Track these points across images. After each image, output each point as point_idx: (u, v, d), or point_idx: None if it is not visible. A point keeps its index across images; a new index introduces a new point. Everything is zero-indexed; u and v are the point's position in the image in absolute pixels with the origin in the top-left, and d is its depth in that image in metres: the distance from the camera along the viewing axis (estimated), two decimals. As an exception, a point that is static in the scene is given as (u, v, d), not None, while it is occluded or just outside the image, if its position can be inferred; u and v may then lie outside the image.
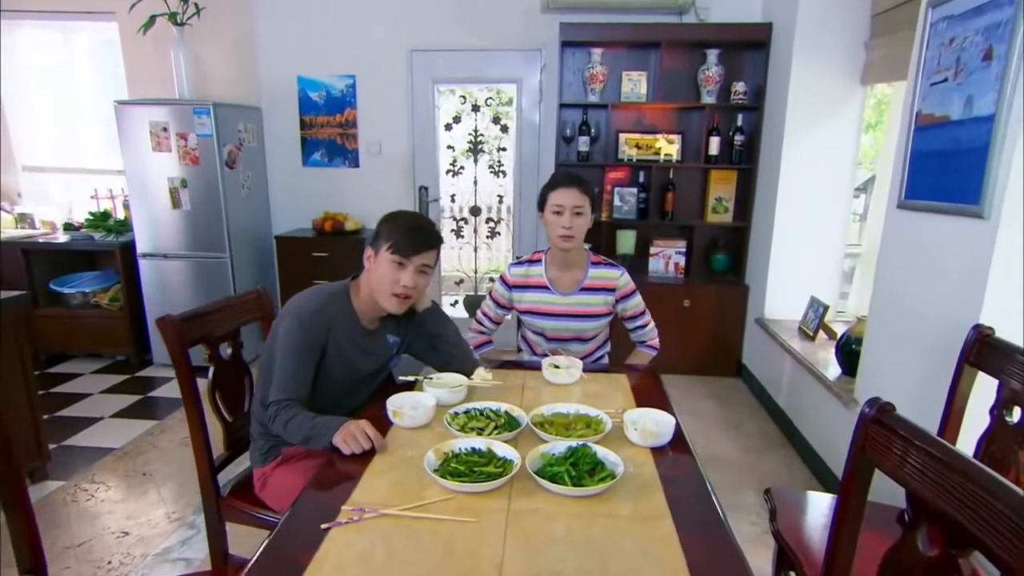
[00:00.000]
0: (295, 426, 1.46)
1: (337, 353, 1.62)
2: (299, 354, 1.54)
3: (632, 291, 2.14)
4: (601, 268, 2.12)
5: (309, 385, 1.58)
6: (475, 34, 4.00)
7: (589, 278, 2.11)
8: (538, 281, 2.13)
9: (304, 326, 1.55)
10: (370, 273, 1.63)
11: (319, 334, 1.57)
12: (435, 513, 1.13)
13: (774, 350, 3.33)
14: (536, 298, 2.13)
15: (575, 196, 1.98)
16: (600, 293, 2.11)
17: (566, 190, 1.99)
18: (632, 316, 2.17)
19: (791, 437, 3.09)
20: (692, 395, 3.67)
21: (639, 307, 2.17)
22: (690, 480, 1.30)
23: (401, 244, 1.57)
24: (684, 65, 3.85)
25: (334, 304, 1.62)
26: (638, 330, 2.20)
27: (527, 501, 1.18)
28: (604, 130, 4.00)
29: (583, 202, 1.99)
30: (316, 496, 1.21)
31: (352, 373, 1.68)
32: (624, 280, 2.12)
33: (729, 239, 4.03)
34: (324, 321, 1.58)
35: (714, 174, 3.94)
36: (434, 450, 1.30)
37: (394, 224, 1.61)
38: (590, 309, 2.11)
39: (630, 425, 1.41)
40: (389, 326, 1.77)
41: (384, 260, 1.58)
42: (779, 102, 3.45)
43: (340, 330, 1.62)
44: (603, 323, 2.16)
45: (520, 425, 1.45)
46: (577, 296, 2.10)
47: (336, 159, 4.31)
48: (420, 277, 1.62)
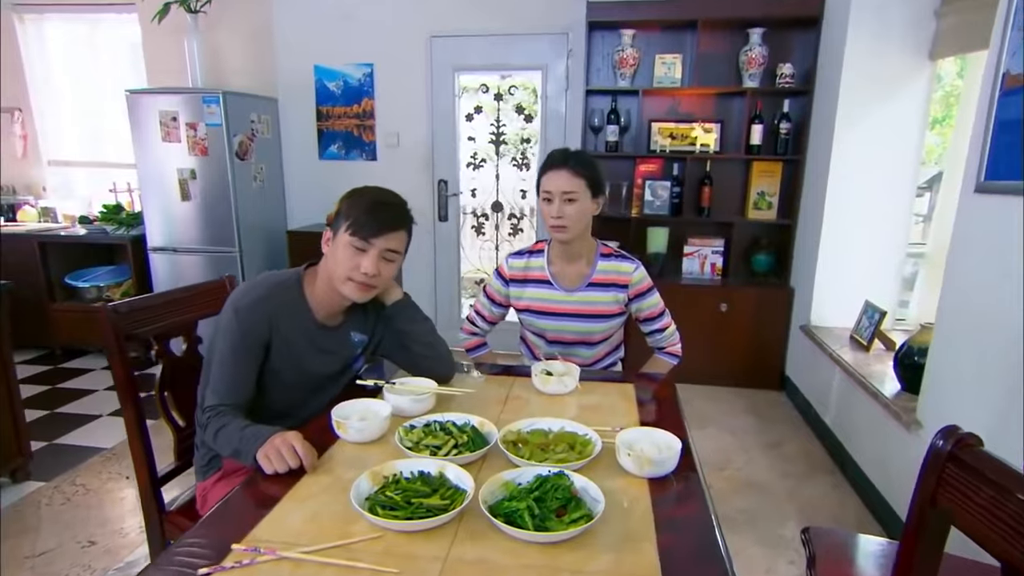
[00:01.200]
0: (225, 437, 1.23)
1: (285, 352, 1.39)
2: (235, 353, 1.32)
3: (648, 288, 1.84)
4: (612, 261, 1.83)
5: (249, 389, 1.35)
6: (497, 17, 3.75)
7: (598, 272, 1.82)
8: (539, 275, 1.86)
9: (241, 320, 1.32)
10: (327, 259, 1.40)
11: (259, 329, 1.34)
12: (350, 558, 0.87)
13: (821, 361, 2.95)
14: (536, 294, 1.85)
15: (565, 179, 1.68)
16: (610, 289, 1.81)
17: (555, 172, 1.70)
18: (648, 318, 1.87)
19: (840, 461, 2.71)
20: (728, 409, 3.31)
21: (656, 307, 1.86)
22: (695, 525, 1.00)
23: (362, 224, 1.33)
24: (724, 46, 3.51)
25: (280, 294, 1.39)
26: (655, 334, 1.89)
27: (473, 547, 0.91)
28: (635, 119, 3.69)
29: (575, 186, 1.68)
30: (209, 528, 0.96)
31: (305, 376, 1.44)
32: (639, 275, 1.82)
33: (772, 238, 3.65)
34: (266, 314, 1.35)
35: (756, 166, 3.58)
36: (371, 473, 1.04)
37: (355, 201, 1.37)
38: (597, 308, 1.82)
39: (623, 449, 1.11)
40: (355, 322, 1.53)
41: (342, 243, 1.34)
42: (831, 84, 3.07)
43: (287, 325, 1.39)
44: (612, 325, 1.86)
45: (487, 444, 1.17)
46: (583, 293, 1.82)
47: (353, 152, 4.13)
48: (385, 264, 1.38)
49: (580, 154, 1.74)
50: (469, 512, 0.98)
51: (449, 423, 1.24)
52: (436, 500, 0.97)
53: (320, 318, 1.44)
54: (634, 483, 1.10)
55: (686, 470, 1.15)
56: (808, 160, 3.39)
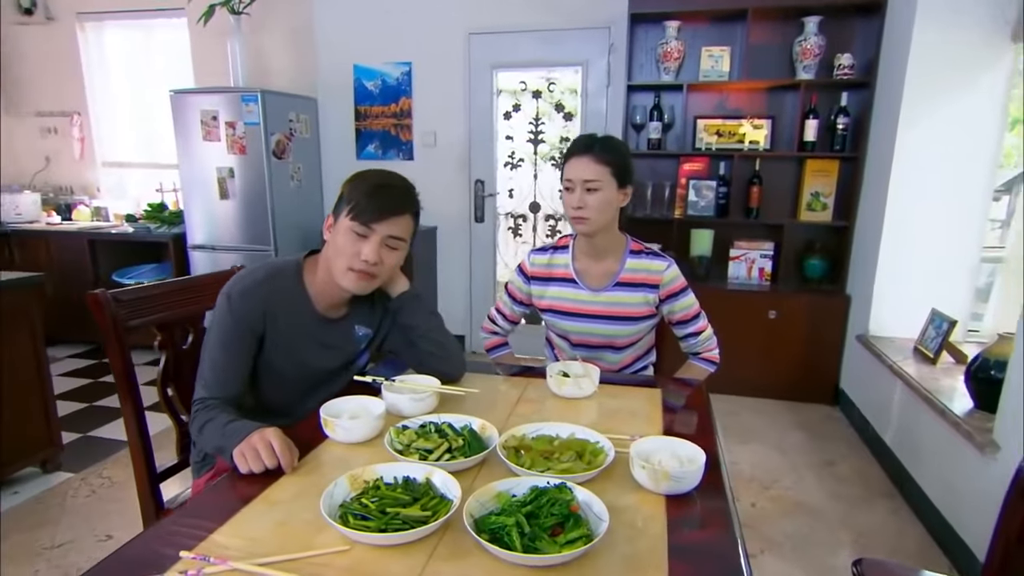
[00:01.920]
0: (209, 432, 1.15)
1: (281, 344, 1.31)
2: (225, 343, 1.24)
3: (681, 288, 1.67)
4: (643, 258, 1.67)
5: (240, 381, 1.27)
6: (537, 12, 3.65)
7: (626, 270, 1.67)
8: (563, 272, 1.72)
9: (232, 308, 1.24)
10: (328, 246, 1.31)
11: (252, 318, 1.26)
12: (311, 573, 0.76)
13: (881, 374, 2.70)
14: (559, 293, 1.72)
15: (586, 166, 1.54)
16: (639, 290, 1.66)
17: (578, 159, 1.56)
18: (682, 320, 1.70)
19: (901, 484, 2.46)
20: (776, 423, 3.08)
21: (690, 309, 1.70)
22: (717, 554, 0.85)
23: (363, 208, 1.23)
24: (776, 37, 3.30)
25: (276, 282, 1.31)
26: (690, 339, 1.73)
27: (451, 567, 0.79)
28: (679, 115, 3.51)
29: (598, 174, 1.54)
30: (163, 532, 0.87)
31: (304, 371, 1.36)
32: (671, 274, 1.66)
33: (827, 241, 3.40)
34: (259, 304, 1.27)
35: (810, 164, 3.35)
36: (349, 477, 0.94)
37: (356, 184, 1.28)
38: (625, 310, 1.66)
39: (637, 460, 0.97)
40: (359, 315, 1.43)
41: (343, 229, 1.25)
42: (895, 74, 2.83)
43: (284, 315, 1.30)
44: (641, 328, 1.70)
45: (485, 449, 1.05)
46: (610, 293, 1.67)
47: (390, 151, 4.09)
48: (388, 252, 1.29)
49: (607, 140, 1.60)
50: (453, 526, 0.86)
51: (445, 424, 1.12)
52: (415, 511, 0.86)
53: (321, 309, 1.36)
54: (649, 500, 0.95)
55: (712, 488, 0.99)
56: (868, 158, 3.14)
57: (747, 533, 2.16)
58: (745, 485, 2.47)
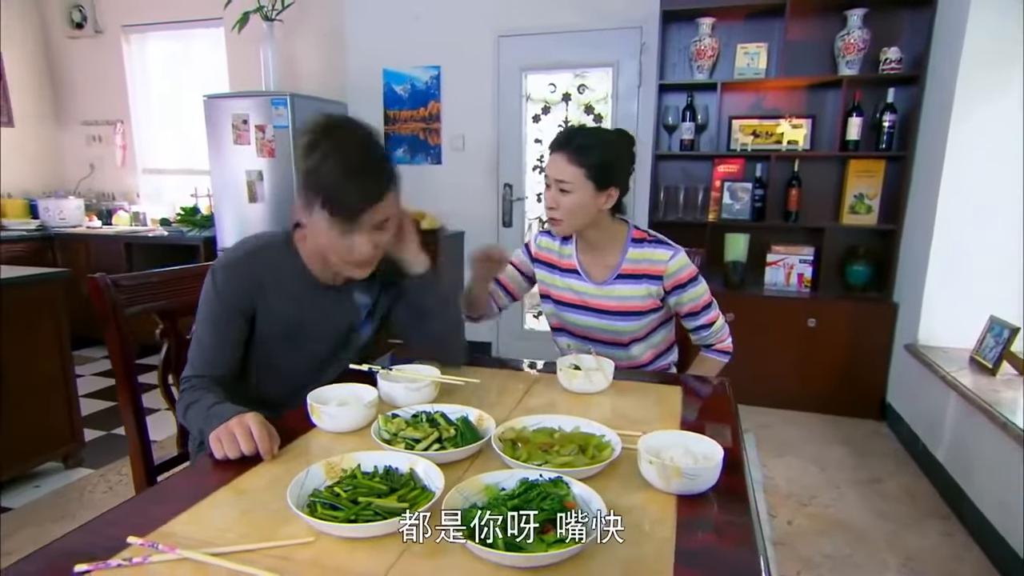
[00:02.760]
0: (193, 414, 1.10)
1: (277, 316, 1.22)
2: (211, 320, 1.19)
3: (689, 279, 1.52)
4: (645, 247, 1.54)
5: (228, 360, 1.21)
6: (567, 13, 3.59)
7: (627, 261, 1.54)
8: (568, 263, 1.61)
9: (217, 285, 1.18)
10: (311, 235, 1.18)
11: (239, 295, 1.19)
12: (267, 565, 0.68)
13: (933, 385, 2.50)
14: (566, 284, 1.61)
15: (559, 166, 1.42)
16: (641, 282, 1.53)
17: (553, 156, 1.45)
18: (691, 312, 1.56)
19: (955, 504, 2.25)
20: (815, 438, 2.89)
21: (700, 299, 1.55)
22: (731, 562, 0.74)
23: (338, 202, 1.05)
24: (816, 32, 3.15)
25: (264, 254, 1.22)
26: (701, 331, 1.59)
27: (424, 565, 0.70)
28: (713, 116, 3.37)
29: (570, 175, 1.40)
30: (118, 517, 0.81)
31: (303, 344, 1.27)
32: (676, 263, 1.51)
33: (872, 246, 3.21)
34: (246, 277, 1.19)
35: (854, 165, 3.17)
36: (326, 464, 0.86)
37: (322, 166, 1.04)
38: (627, 304, 1.54)
39: (645, 456, 0.86)
40: (360, 283, 1.31)
41: (322, 225, 1.08)
42: (948, 68, 2.65)
43: (276, 286, 1.21)
44: (645, 323, 1.57)
45: (478, 440, 0.96)
46: (611, 286, 1.55)
47: (418, 156, 4.07)
48: (380, 234, 1.14)
49: (588, 135, 1.46)
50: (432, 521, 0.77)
51: (438, 414, 1.03)
52: (391, 501, 0.77)
53: (319, 275, 1.26)
54: (657, 500, 0.84)
55: (731, 491, 0.88)
56: (917, 157, 2.96)
57: (782, 552, 2.00)
58: (781, 501, 2.30)
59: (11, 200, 4.45)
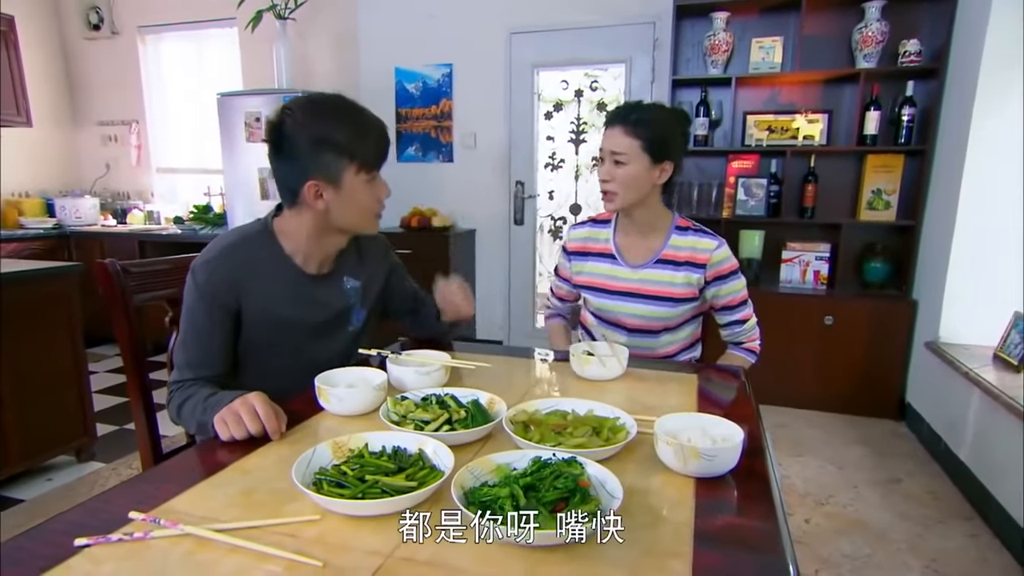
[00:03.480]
0: (189, 410, 1.08)
1: (264, 313, 1.19)
2: (194, 321, 1.16)
3: (732, 271, 1.52)
4: (690, 235, 1.53)
5: (216, 361, 1.17)
6: (580, 9, 3.57)
7: (670, 247, 1.52)
8: (603, 247, 1.60)
9: (197, 284, 1.15)
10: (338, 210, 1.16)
11: (220, 293, 1.15)
12: (271, 542, 0.66)
13: (955, 384, 2.44)
14: (596, 268, 1.59)
15: (616, 138, 1.43)
16: (682, 268, 1.51)
17: (609, 130, 1.45)
18: (728, 306, 1.55)
19: (980, 505, 2.19)
20: (833, 438, 2.83)
21: (739, 294, 1.54)
22: (755, 544, 0.70)
23: (371, 158, 1.16)
24: (833, 25, 3.11)
25: (243, 250, 1.18)
26: (734, 327, 1.57)
27: (431, 543, 0.67)
28: (728, 111, 3.34)
29: (626, 146, 1.41)
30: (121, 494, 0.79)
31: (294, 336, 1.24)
32: (721, 253, 1.50)
33: (890, 242, 3.15)
34: (226, 275, 1.15)
35: (871, 160, 3.12)
36: (333, 444, 0.84)
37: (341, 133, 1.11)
38: (664, 289, 1.52)
39: (662, 437, 0.83)
40: (348, 267, 1.31)
41: (358, 186, 1.14)
42: (970, 60, 2.60)
43: (260, 281, 1.18)
44: (679, 312, 1.54)
45: (489, 422, 0.93)
46: (650, 270, 1.53)
47: (430, 154, 4.06)
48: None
49: (645, 109, 1.46)
50: (440, 499, 0.74)
51: (448, 396, 1.01)
52: (399, 480, 0.75)
53: (304, 266, 1.23)
54: (674, 482, 0.81)
55: (751, 474, 0.85)
56: (937, 151, 2.90)
57: (799, 551, 1.95)
58: (798, 500, 2.25)
59: (29, 199, 4.49)
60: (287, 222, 1.21)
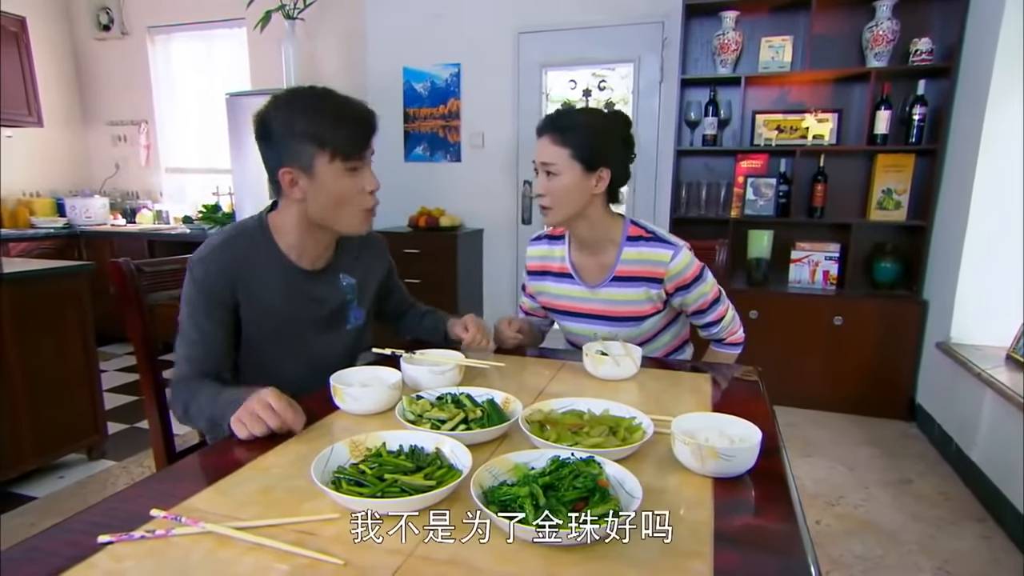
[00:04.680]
0: (197, 407, 1.08)
1: (261, 309, 1.19)
2: (193, 317, 1.15)
3: (693, 279, 1.41)
4: (642, 246, 1.41)
5: (216, 357, 1.17)
6: (588, 9, 3.57)
7: (623, 262, 1.42)
8: (560, 267, 1.52)
9: (195, 280, 1.15)
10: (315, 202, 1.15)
11: (218, 288, 1.15)
12: (291, 540, 0.66)
13: (967, 384, 2.43)
14: (557, 290, 1.53)
15: (545, 147, 1.35)
16: (639, 284, 1.42)
17: (538, 140, 1.37)
18: (698, 311, 1.47)
19: (993, 506, 2.18)
20: (842, 439, 2.82)
21: (706, 297, 1.45)
22: (775, 544, 0.70)
23: (345, 145, 1.10)
24: (843, 24, 3.09)
25: (239, 245, 1.18)
26: (710, 327, 1.51)
27: (452, 542, 0.67)
28: (736, 110, 3.32)
29: (555, 156, 1.33)
30: (141, 492, 0.79)
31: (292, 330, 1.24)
32: (679, 263, 1.38)
33: (900, 242, 3.13)
34: (223, 270, 1.15)
35: (881, 159, 3.10)
36: (350, 443, 0.84)
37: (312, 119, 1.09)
38: (624, 308, 1.44)
39: (680, 437, 0.83)
40: (344, 264, 1.31)
41: (332, 176, 1.11)
42: (983, 58, 2.58)
43: (256, 277, 1.18)
44: (646, 328, 1.47)
45: (505, 421, 0.93)
46: (607, 289, 1.45)
47: (438, 153, 4.07)
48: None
49: (570, 114, 1.40)
50: (459, 498, 0.75)
51: (464, 396, 1.01)
52: (418, 479, 0.75)
53: (299, 262, 1.23)
54: (692, 483, 0.81)
55: (769, 474, 0.84)
56: (949, 150, 2.89)
57: (811, 552, 1.94)
58: (808, 501, 2.24)
59: (40, 199, 4.52)
60: (279, 216, 1.22)
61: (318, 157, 1.09)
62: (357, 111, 1.13)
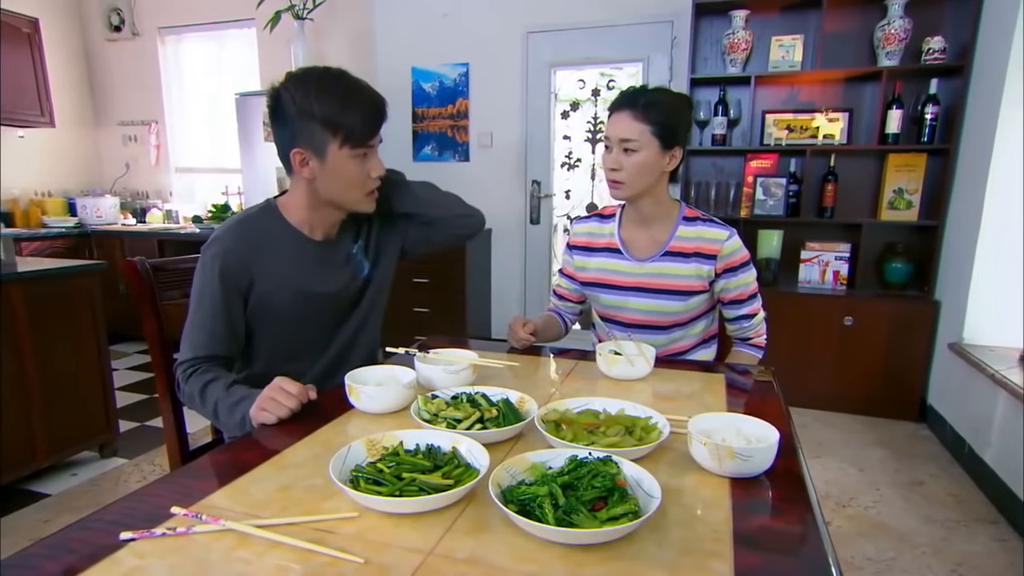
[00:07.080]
0: (211, 400, 1.10)
1: (279, 283, 1.22)
2: (205, 300, 1.18)
3: (743, 263, 1.47)
4: (698, 225, 1.47)
5: (225, 342, 1.20)
6: (597, 8, 3.56)
7: (677, 238, 1.47)
8: (608, 242, 1.55)
9: (207, 262, 1.18)
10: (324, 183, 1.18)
11: (231, 271, 1.18)
12: (311, 539, 0.66)
13: (979, 385, 2.41)
14: (601, 264, 1.55)
15: (624, 124, 1.37)
16: (692, 260, 1.45)
17: (616, 115, 1.39)
18: (737, 299, 1.50)
19: (1006, 509, 2.16)
20: (852, 440, 2.80)
21: (749, 287, 1.49)
22: (794, 544, 0.70)
23: (356, 131, 1.14)
24: (854, 23, 3.08)
25: (250, 227, 1.22)
26: (742, 321, 1.53)
27: (469, 541, 0.67)
28: (746, 110, 3.31)
29: (636, 132, 1.35)
30: (161, 489, 0.80)
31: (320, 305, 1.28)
32: (732, 244, 1.44)
33: (911, 242, 3.11)
34: (239, 248, 1.18)
35: (893, 159, 3.08)
36: (367, 441, 0.84)
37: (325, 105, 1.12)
38: (673, 282, 1.47)
39: (697, 438, 0.83)
40: (349, 230, 1.35)
41: (341, 161, 1.15)
42: (997, 56, 2.56)
43: (271, 254, 1.22)
44: (688, 305, 1.49)
45: (520, 421, 0.93)
46: (657, 263, 1.48)
47: (446, 153, 4.07)
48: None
49: (654, 93, 1.40)
50: (477, 498, 0.75)
51: (479, 395, 1.01)
52: (435, 478, 0.75)
53: (311, 234, 1.28)
54: (709, 483, 0.81)
55: (787, 475, 0.84)
56: (961, 150, 2.87)
57: (823, 554, 1.93)
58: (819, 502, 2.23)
59: (51, 198, 4.56)
60: (289, 195, 1.26)
61: (330, 143, 1.13)
62: (368, 99, 1.16)
